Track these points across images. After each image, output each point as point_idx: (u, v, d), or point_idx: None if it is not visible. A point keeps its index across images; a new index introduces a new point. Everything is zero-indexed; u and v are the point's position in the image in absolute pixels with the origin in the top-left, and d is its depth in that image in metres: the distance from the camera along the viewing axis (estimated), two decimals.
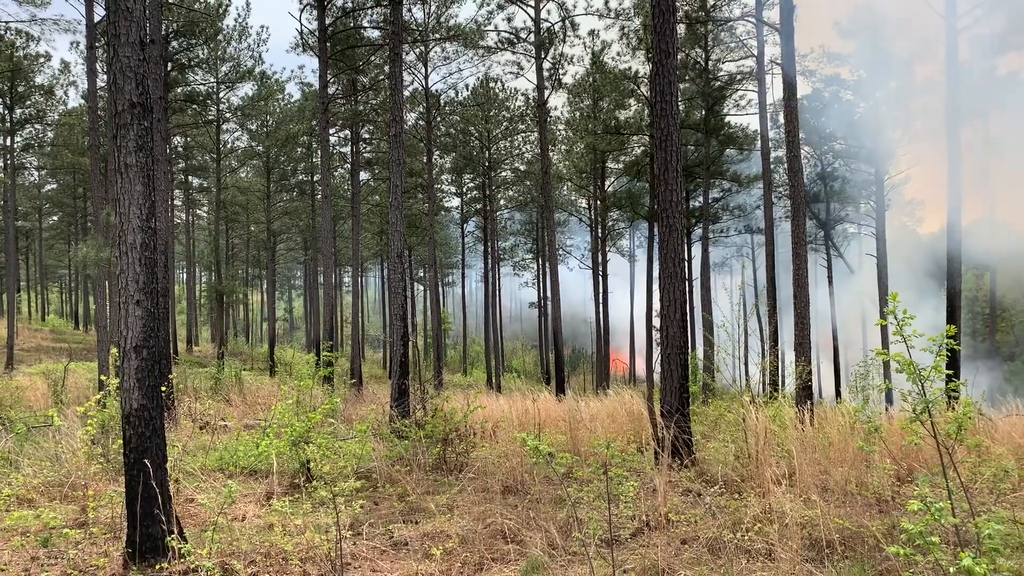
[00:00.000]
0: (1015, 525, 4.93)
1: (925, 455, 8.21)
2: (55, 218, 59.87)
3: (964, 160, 20.76)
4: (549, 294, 32.58)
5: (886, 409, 12.19)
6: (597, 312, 40.10)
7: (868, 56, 35.71)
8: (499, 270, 53.66)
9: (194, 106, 35.99)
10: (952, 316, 19.10)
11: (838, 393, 34.23)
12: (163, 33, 25.78)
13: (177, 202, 50.61)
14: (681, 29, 28.77)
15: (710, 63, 30.28)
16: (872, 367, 12.71)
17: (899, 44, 36.20)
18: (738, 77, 31.36)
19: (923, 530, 3.97)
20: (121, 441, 6.04)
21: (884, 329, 24.72)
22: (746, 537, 6.26)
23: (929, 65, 35.12)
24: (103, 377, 11.47)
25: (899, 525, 4.26)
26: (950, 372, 4.90)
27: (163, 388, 6.24)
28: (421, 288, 64.44)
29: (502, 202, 50.13)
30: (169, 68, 29.67)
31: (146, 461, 5.76)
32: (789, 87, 14.94)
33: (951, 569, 3.76)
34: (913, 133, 36.57)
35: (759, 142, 27.02)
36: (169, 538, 5.54)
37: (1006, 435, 9.20)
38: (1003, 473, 6.53)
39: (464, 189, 49.35)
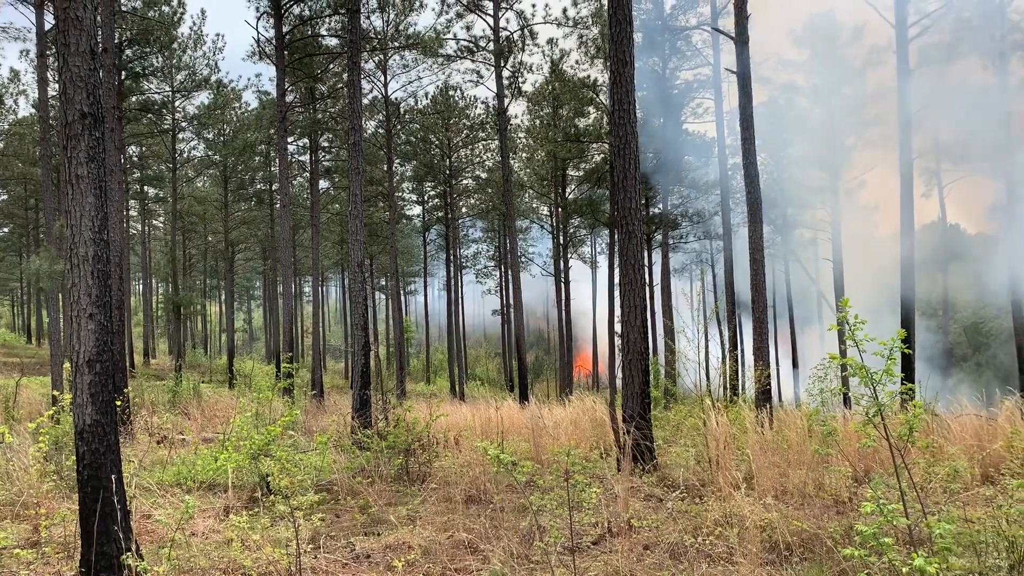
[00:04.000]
0: (967, 524, 5.03)
1: (882, 456, 8.35)
2: (6, 230, 58.42)
3: (916, 165, 21.24)
4: (512, 301, 32.58)
5: (843, 412, 12.37)
6: (560, 319, 40.21)
7: (822, 64, 36.37)
8: (462, 278, 53.56)
9: (149, 115, 35.44)
10: (907, 320, 19.49)
11: (798, 396, 34.68)
12: (116, 41, 25.35)
13: (133, 213, 49.82)
14: (638, 38, 29.06)
15: (667, 71, 30.60)
16: (830, 370, 12.90)
17: (852, 52, 36.91)
18: (695, 85, 31.74)
19: (876, 532, 4.04)
20: (75, 457, 5.91)
21: (843, 333, 25.13)
22: (707, 541, 6.32)
23: (881, 72, 35.78)
24: (56, 392, 11.21)
25: (856, 526, 4.33)
26: (903, 375, 5.01)
27: (118, 402, 6.12)
28: (383, 297, 64.06)
29: (464, 210, 50.09)
30: (123, 77, 29.19)
31: (101, 477, 5.65)
32: (745, 95, 15.15)
33: (904, 569, 3.83)
34: (867, 139, 37.32)
35: (716, 149, 27.36)
36: (125, 556, 5.43)
37: (958, 436, 9.40)
38: (954, 473, 6.67)
39: (425, 197, 49.22)
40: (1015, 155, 27.40)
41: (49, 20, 21.38)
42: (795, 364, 39.68)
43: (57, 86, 5.89)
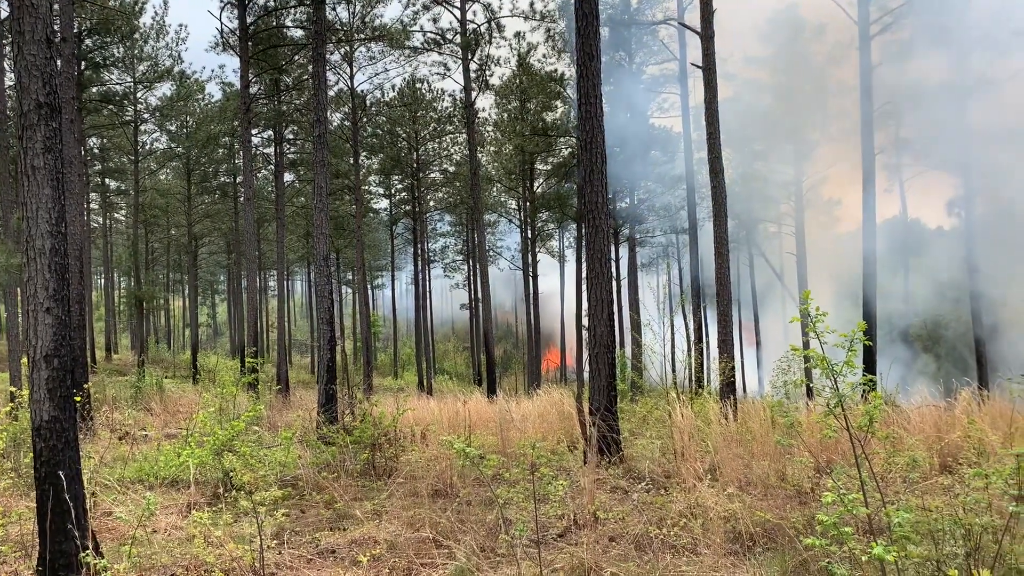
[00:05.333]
0: (925, 513, 5.12)
1: (844, 447, 8.46)
2: None
3: (877, 160, 21.55)
4: (480, 295, 32.58)
5: (806, 403, 12.53)
6: (528, 312, 40.23)
7: (786, 60, 36.73)
8: (429, 272, 53.40)
9: (110, 106, 34.76)
10: (868, 313, 19.79)
11: (762, 387, 35.02)
12: (76, 31, 24.83)
13: (94, 205, 48.90)
14: (605, 32, 29.12)
15: (634, 66, 30.71)
16: (793, 362, 13.04)
17: (815, 48, 37.30)
18: (661, 80, 31.90)
19: (837, 521, 4.09)
20: (32, 454, 5.80)
21: (805, 324, 25.46)
22: (671, 532, 6.36)
23: (844, 69, 36.23)
24: (14, 388, 10.99)
25: (817, 516, 4.39)
26: (864, 367, 5.07)
27: (78, 398, 6.01)
28: (349, 291, 63.63)
29: (431, 204, 49.88)
30: (83, 67, 28.63)
31: (59, 474, 5.54)
32: (710, 90, 15.23)
33: (863, 558, 3.88)
34: (829, 135, 37.75)
35: (683, 144, 27.53)
36: (84, 554, 5.35)
37: (918, 426, 9.56)
38: (913, 463, 6.79)
39: (392, 191, 48.92)
40: (974, 150, 27.90)
41: (4, 8, 20.91)
42: (759, 355, 40.12)
43: (13, 75, 5.76)
